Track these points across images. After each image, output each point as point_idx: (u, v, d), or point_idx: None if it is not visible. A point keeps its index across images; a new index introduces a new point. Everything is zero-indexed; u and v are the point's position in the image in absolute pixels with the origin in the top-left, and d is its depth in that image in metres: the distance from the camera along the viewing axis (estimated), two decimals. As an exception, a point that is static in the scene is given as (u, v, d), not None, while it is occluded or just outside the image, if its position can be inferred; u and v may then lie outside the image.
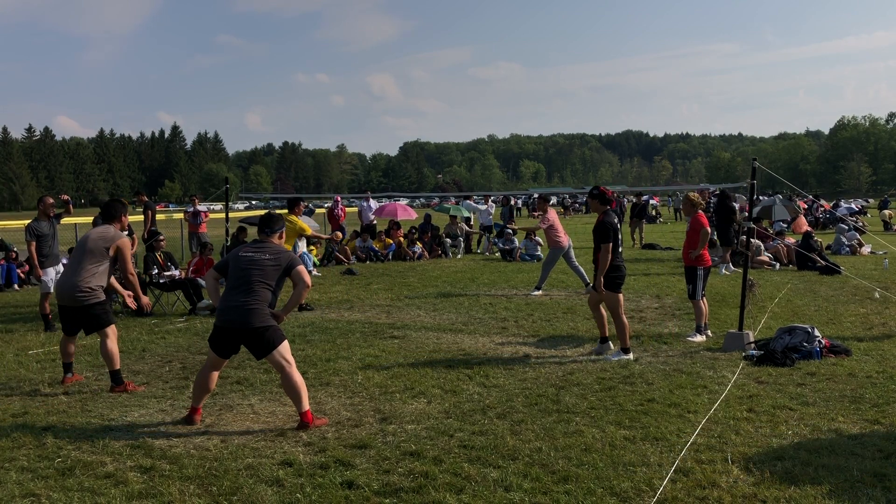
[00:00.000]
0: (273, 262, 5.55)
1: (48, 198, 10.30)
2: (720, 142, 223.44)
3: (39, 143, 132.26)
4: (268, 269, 5.53)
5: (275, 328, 5.48)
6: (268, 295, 5.50)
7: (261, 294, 5.45)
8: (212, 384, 5.69)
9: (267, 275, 5.51)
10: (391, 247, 19.45)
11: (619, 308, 7.60)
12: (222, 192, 12.80)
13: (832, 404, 5.85)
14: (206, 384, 5.65)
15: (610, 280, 7.56)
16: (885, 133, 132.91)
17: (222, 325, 5.48)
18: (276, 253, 5.61)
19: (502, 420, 5.56)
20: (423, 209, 47.01)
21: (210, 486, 4.38)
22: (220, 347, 5.55)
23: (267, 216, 5.85)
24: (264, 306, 5.45)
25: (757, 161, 8.74)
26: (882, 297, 11.07)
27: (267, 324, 5.42)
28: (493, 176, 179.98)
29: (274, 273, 5.54)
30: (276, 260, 5.56)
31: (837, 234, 19.38)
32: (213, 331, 5.60)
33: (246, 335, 5.42)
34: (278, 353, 5.45)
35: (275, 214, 5.90)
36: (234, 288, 5.49)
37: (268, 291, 5.50)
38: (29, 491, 4.35)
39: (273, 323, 5.48)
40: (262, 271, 5.50)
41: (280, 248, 5.70)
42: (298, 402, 5.45)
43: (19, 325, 10.24)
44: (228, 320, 5.43)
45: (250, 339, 5.44)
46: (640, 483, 4.32)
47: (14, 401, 6.33)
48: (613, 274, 7.58)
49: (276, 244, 5.75)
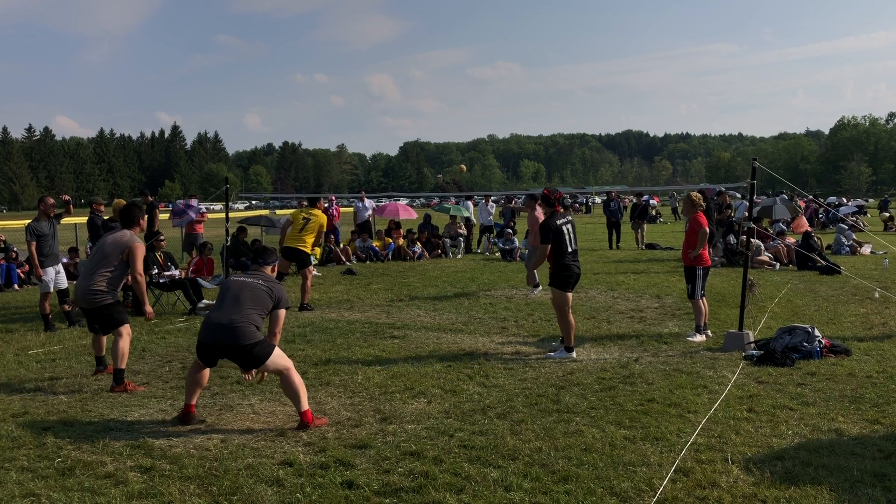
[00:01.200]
0: (267, 288, 5.59)
1: (49, 198, 10.31)
2: (720, 142, 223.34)
3: (39, 143, 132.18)
4: (260, 293, 5.55)
5: (262, 343, 5.41)
6: (256, 317, 5.46)
7: (249, 314, 5.43)
8: (204, 380, 5.71)
9: (258, 298, 5.52)
10: (391, 247, 19.46)
11: (567, 307, 7.80)
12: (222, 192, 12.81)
13: (832, 404, 5.85)
14: (198, 380, 5.67)
15: (561, 279, 7.77)
16: (885, 133, 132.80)
17: (207, 342, 5.44)
18: (270, 282, 5.67)
19: (502, 420, 5.56)
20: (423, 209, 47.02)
21: (210, 486, 4.38)
22: (206, 359, 5.58)
23: (262, 249, 5.93)
24: (252, 324, 5.40)
25: (757, 161, 8.74)
26: (882, 297, 11.07)
27: (254, 340, 5.37)
28: (494, 176, 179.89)
29: (266, 299, 5.55)
30: (269, 288, 5.61)
31: (837, 234, 19.38)
32: (198, 344, 5.57)
33: (233, 352, 5.40)
34: (271, 363, 5.42)
35: (267, 248, 5.96)
36: (221, 306, 5.48)
37: (256, 314, 5.47)
38: (29, 491, 4.35)
39: (260, 338, 5.42)
40: (253, 293, 5.53)
41: (275, 280, 5.78)
42: (298, 403, 5.45)
43: (19, 325, 10.25)
44: (215, 338, 5.40)
45: (239, 356, 5.41)
46: (640, 483, 4.32)
47: (14, 401, 6.33)
48: (564, 273, 7.78)
49: (271, 275, 5.82)
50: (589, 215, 54.64)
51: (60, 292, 10.20)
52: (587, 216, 53.19)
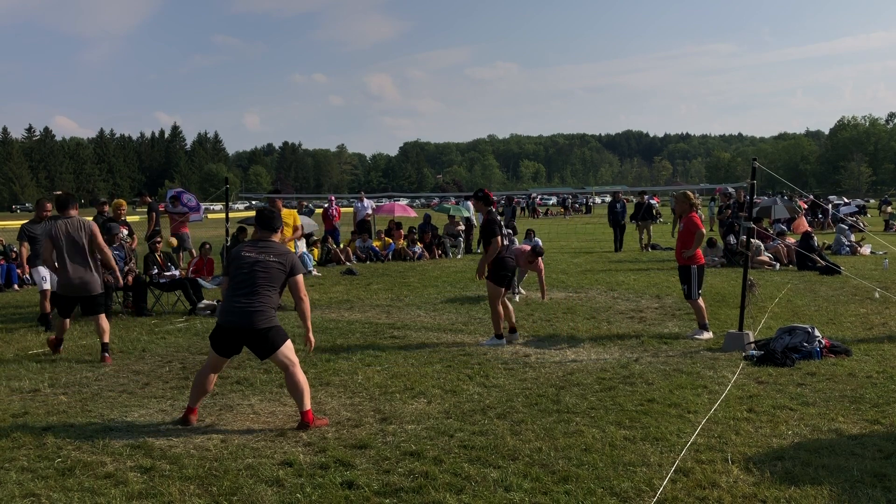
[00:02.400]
0: (278, 263, 5.54)
1: (47, 202, 10.31)
2: (720, 142, 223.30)
3: (39, 143, 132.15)
4: (273, 270, 5.51)
5: (278, 328, 5.48)
6: (272, 296, 5.50)
7: (265, 296, 5.45)
8: (210, 385, 5.67)
9: (272, 277, 5.50)
10: (391, 247, 19.46)
11: (497, 299, 8.38)
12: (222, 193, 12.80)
13: (832, 404, 5.85)
14: (205, 385, 5.64)
15: (498, 275, 8.37)
16: (885, 133, 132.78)
17: (225, 325, 5.47)
18: (280, 254, 5.60)
19: (502, 420, 5.56)
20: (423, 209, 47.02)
21: (210, 486, 4.38)
22: (222, 347, 5.53)
23: (268, 214, 5.82)
24: (268, 307, 5.45)
25: (757, 161, 8.74)
26: (882, 297, 11.07)
27: (271, 324, 5.43)
28: (494, 176, 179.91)
29: (279, 275, 5.53)
30: (280, 261, 5.56)
31: (837, 234, 19.38)
32: (215, 329, 5.58)
33: (249, 336, 5.42)
34: (282, 353, 5.46)
35: (274, 212, 5.88)
36: (237, 289, 5.48)
37: (272, 293, 5.50)
38: (29, 491, 4.35)
39: (276, 323, 5.48)
40: (266, 273, 5.49)
41: (284, 249, 5.71)
42: (301, 402, 5.45)
43: (19, 325, 10.24)
44: (231, 321, 5.42)
45: (254, 340, 5.43)
46: (640, 483, 4.31)
47: (14, 401, 6.33)
48: (502, 271, 8.37)
49: (278, 244, 5.75)
50: (589, 215, 54.64)
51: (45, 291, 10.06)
52: (587, 216, 53.18)
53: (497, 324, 8.41)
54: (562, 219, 48.37)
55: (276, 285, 5.53)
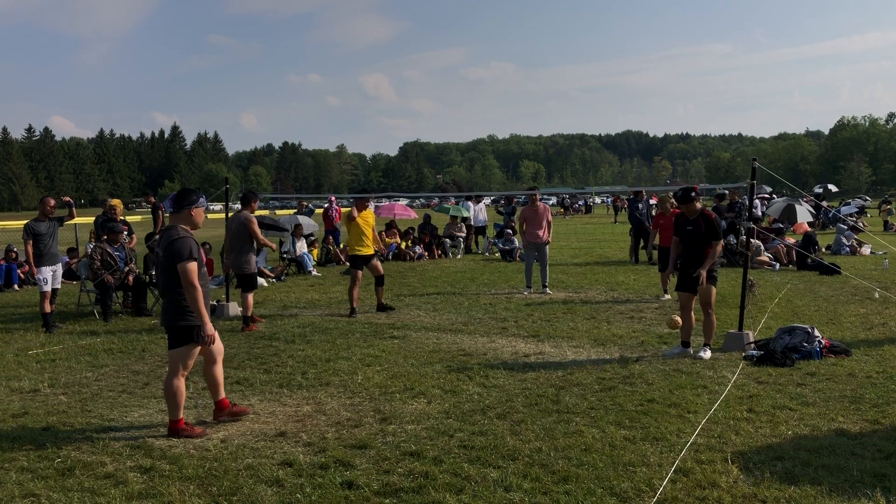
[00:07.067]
0: (166, 257, 5.28)
1: (50, 199, 10.28)
2: (720, 142, 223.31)
3: (39, 143, 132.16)
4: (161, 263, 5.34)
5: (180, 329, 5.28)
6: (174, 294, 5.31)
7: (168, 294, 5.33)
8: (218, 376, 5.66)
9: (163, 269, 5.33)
10: (391, 247, 19.46)
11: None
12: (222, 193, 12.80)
13: (832, 404, 5.85)
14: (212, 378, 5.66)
15: (712, 276, 7.73)
16: (885, 133, 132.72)
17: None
18: (165, 241, 5.30)
19: (502, 420, 5.56)
20: (424, 209, 46.99)
21: (210, 486, 4.38)
22: None
23: (183, 191, 5.50)
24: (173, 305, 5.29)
25: (757, 161, 8.75)
26: (882, 297, 11.07)
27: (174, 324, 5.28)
28: (493, 176, 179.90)
29: (168, 268, 5.29)
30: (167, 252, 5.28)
31: (837, 234, 19.37)
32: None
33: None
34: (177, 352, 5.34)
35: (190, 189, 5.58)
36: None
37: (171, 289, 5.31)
38: (29, 491, 4.35)
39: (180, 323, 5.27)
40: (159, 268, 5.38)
41: (169, 235, 5.33)
42: (173, 410, 5.32)
43: (19, 325, 10.24)
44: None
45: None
46: (640, 483, 4.31)
47: (14, 401, 6.33)
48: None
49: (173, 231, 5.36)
50: (589, 215, 54.64)
51: (53, 291, 9.98)
52: (587, 216, 53.19)
53: (708, 332, 7.78)
54: (561, 219, 48.35)
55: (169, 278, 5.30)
